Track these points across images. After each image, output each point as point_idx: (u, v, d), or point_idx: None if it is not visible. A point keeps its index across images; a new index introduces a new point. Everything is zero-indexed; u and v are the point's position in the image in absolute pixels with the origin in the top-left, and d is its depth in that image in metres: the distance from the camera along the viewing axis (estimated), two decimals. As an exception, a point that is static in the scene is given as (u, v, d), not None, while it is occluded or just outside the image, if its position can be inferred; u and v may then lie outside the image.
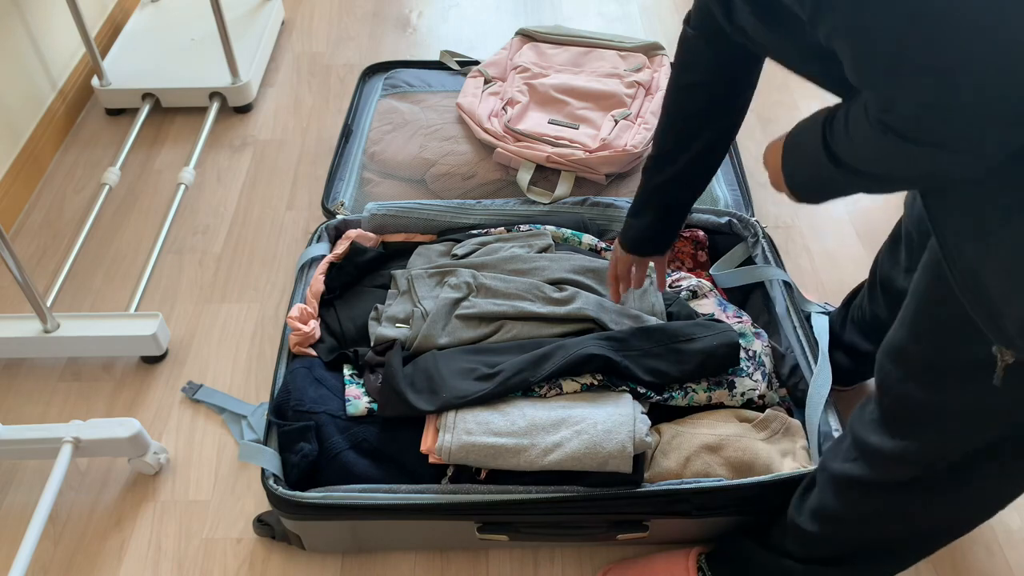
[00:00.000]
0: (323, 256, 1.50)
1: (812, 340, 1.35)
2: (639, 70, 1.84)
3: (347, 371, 1.32)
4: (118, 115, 2.08)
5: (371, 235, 1.54)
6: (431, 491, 1.16)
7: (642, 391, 1.24)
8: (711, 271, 1.52)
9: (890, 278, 1.21)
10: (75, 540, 1.31)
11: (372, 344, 1.35)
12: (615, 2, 2.48)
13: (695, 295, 1.43)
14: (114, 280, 1.70)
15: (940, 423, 0.86)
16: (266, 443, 1.24)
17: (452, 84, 1.89)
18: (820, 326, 1.37)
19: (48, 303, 1.48)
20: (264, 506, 1.32)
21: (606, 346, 1.26)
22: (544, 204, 1.59)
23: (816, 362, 1.30)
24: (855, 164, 0.76)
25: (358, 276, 1.49)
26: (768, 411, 1.25)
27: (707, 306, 1.40)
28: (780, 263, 1.49)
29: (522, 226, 1.53)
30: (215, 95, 2.04)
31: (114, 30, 2.23)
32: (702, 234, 1.57)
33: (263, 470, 1.18)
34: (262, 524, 1.28)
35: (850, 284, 1.42)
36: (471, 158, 1.68)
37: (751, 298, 1.49)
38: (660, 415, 1.26)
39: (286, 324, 1.37)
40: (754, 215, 1.64)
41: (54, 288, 1.58)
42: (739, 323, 1.37)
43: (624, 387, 1.24)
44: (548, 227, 1.53)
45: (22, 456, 1.35)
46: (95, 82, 2.02)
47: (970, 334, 0.76)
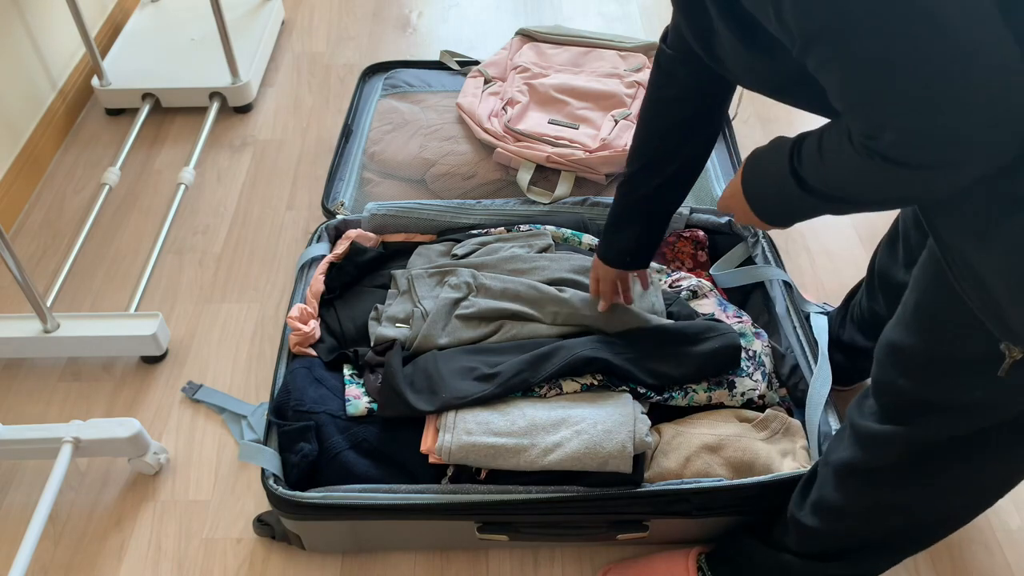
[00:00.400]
0: (323, 256, 1.50)
1: (812, 340, 1.35)
2: (639, 70, 1.84)
3: (347, 371, 1.32)
4: (118, 115, 2.08)
5: (371, 235, 1.54)
6: (431, 491, 1.16)
7: (642, 391, 1.24)
8: (711, 271, 1.52)
9: (888, 274, 1.22)
10: (75, 540, 1.31)
11: (372, 344, 1.35)
12: (615, 2, 2.48)
13: (695, 295, 1.43)
14: (114, 280, 1.70)
15: (938, 415, 0.86)
16: (266, 443, 1.24)
17: (452, 84, 1.89)
18: (819, 326, 1.37)
19: (48, 303, 1.48)
20: (264, 506, 1.32)
21: (606, 348, 1.26)
22: (544, 204, 1.59)
23: (816, 362, 1.30)
24: (825, 188, 0.79)
25: (358, 276, 1.49)
26: (768, 411, 1.25)
27: (707, 306, 1.40)
28: (780, 263, 1.49)
29: (522, 226, 1.53)
30: (215, 95, 2.04)
31: (114, 30, 2.23)
32: (702, 234, 1.57)
33: (263, 470, 1.18)
34: (262, 524, 1.28)
35: (850, 284, 1.42)
36: (471, 158, 1.68)
37: (751, 298, 1.50)
38: (660, 415, 1.26)
39: (286, 324, 1.37)
40: (754, 215, 1.64)
41: (54, 288, 1.58)
42: (739, 323, 1.37)
43: (624, 387, 1.24)
44: (548, 227, 1.53)
45: (22, 456, 1.35)
46: (95, 82, 2.02)
47: (969, 329, 0.77)
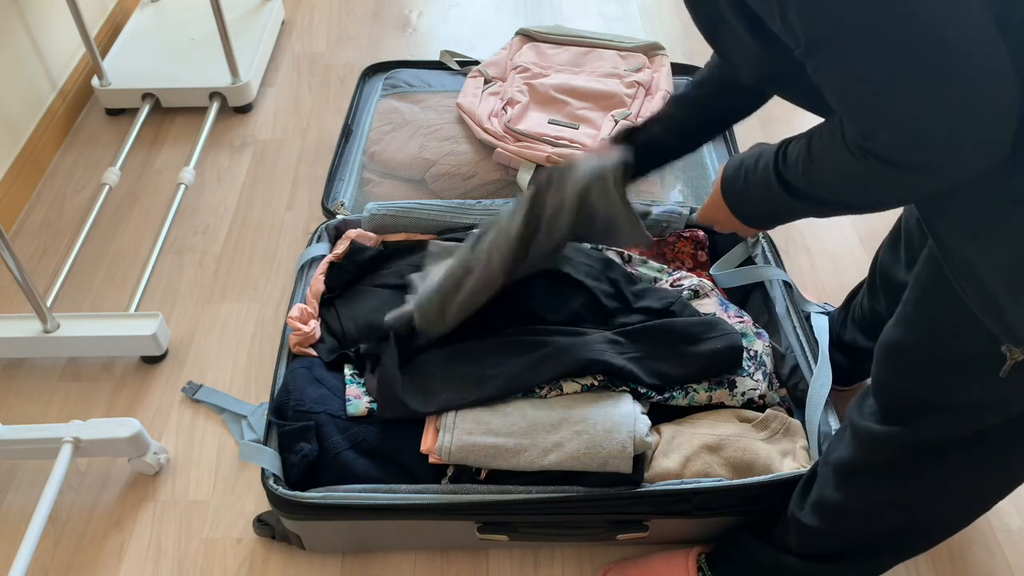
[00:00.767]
0: (323, 256, 1.49)
1: (812, 340, 1.35)
2: (639, 70, 1.84)
3: (347, 371, 1.32)
4: (118, 115, 2.08)
5: (371, 235, 1.54)
6: (431, 491, 1.16)
7: (643, 391, 1.24)
8: (711, 271, 1.52)
9: (890, 274, 1.22)
10: (75, 540, 1.31)
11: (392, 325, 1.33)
12: (615, 2, 2.48)
13: (697, 294, 1.42)
14: (114, 280, 1.69)
15: (938, 415, 0.86)
16: (266, 443, 1.24)
17: (452, 84, 1.89)
18: (820, 326, 1.37)
19: (48, 303, 1.48)
20: (264, 506, 1.32)
21: (609, 349, 1.26)
22: (544, 204, 1.59)
23: (816, 362, 1.30)
24: (810, 189, 0.81)
25: (358, 276, 1.49)
26: (768, 411, 1.25)
27: (708, 306, 1.40)
28: (780, 263, 1.49)
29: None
30: (215, 95, 2.03)
31: (114, 30, 2.23)
32: (702, 234, 1.57)
33: (263, 470, 1.18)
34: (262, 524, 1.28)
35: (850, 284, 1.42)
36: (471, 158, 1.68)
37: (751, 298, 1.49)
38: (660, 415, 1.26)
39: (286, 324, 1.36)
40: (754, 215, 1.64)
41: (54, 288, 1.58)
42: (740, 323, 1.37)
43: (624, 387, 1.24)
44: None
45: (22, 456, 1.35)
46: (95, 82, 2.02)
47: (969, 328, 0.77)
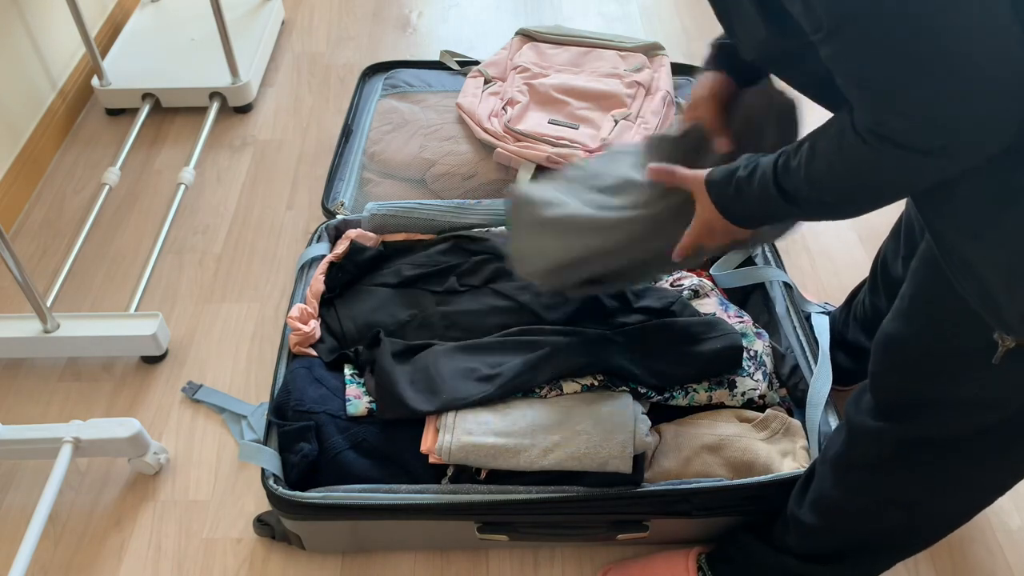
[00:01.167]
0: (323, 256, 1.49)
1: (812, 340, 1.35)
2: (639, 70, 1.84)
3: (347, 371, 1.32)
4: (118, 115, 2.08)
5: (371, 235, 1.54)
6: (431, 491, 1.16)
7: (643, 391, 1.24)
8: (711, 271, 1.52)
9: (891, 270, 1.22)
10: (75, 540, 1.31)
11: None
12: (615, 2, 2.48)
13: (697, 294, 1.42)
14: (114, 280, 1.69)
15: (935, 410, 0.86)
16: (266, 443, 1.24)
17: (452, 84, 1.89)
18: (820, 326, 1.37)
19: (48, 303, 1.48)
20: (264, 506, 1.32)
21: (608, 349, 1.26)
22: (544, 204, 1.59)
23: (816, 362, 1.30)
24: (811, 194, 0.82)
25: (358, 275, 1.49)
26: (768, 411, 1.25)
27: (709, 305, 1.40)
28: (780, 263, 1.49)
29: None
30: (215, 95, 2.03)
31: (114, 30, 2.22)
32: (702, 234, 1.57)
33: (263, 470, 1.18)
34: (262, 524, 1.28)
35: (850, 285, 1.42)
36: (471, 158, 1.68)
37: (751, 299, 1.49)
38: (660, 415, 1.26)
39: (286, 324, 1.36)
40: (754, 215, 1.64)
41: (54, 288, 1.58)
42: (740, 323, 1.37)
43: (624, 387, 1.24)
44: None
45: (22, 456, 1.35)
46: (95, 82, 2.02)
47: (968, 323, 0.77)
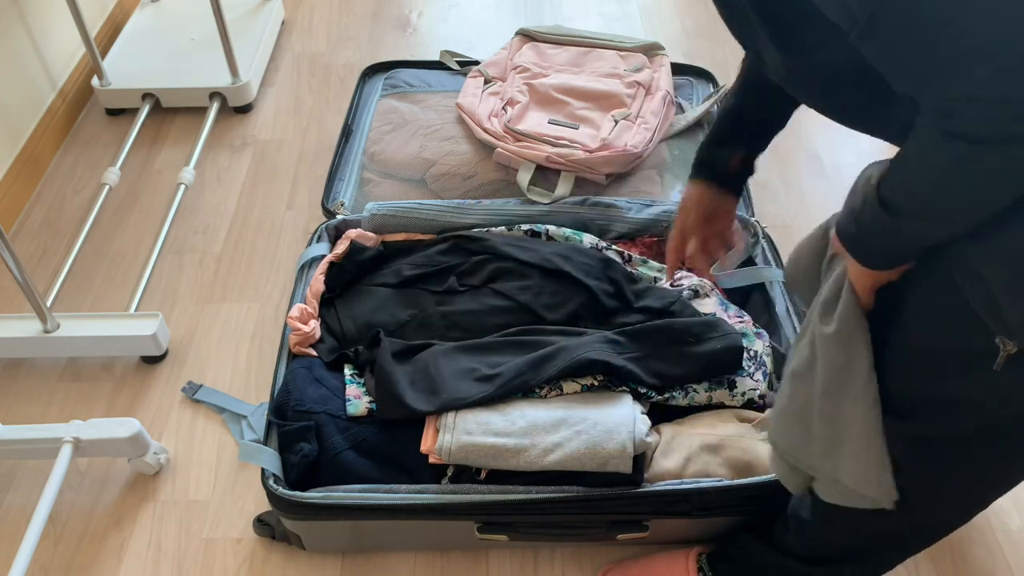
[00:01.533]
0: (323, 256, 1.49)
1: (812, 340, 1.34)
2: (639, 70, 1.84)
3: (347, 371, 1.32)
4: (118, 115, 2.08)
5: (371, 235, 1.54)
6: (431, 491, 1.16)
7: (643, 391, 1.24)
8: (711, 271, 1.52)
9: None
10: (75, 540, 1.31)
11: None
12: (615, 2, 2.48)
13: (697, 294, 1.42)
14: (114, 280, 1.69)
15: (935, 410, 0.86)
16: (266, 443, 1.24)
17: (452, 84, 1.89)
18: (820, 326, 1.37)
19: (48, 303, 1.48)
20: (264, 506, 1.32)
21: (609, 349, 1.26)
22: (544, 204, 1.59)
23: (816, 362, 1.30)
24: (915, 207, 0.73)
25: (358, 275, 1.49)
26: (768, 411, 1.25)
27: (709, 305, 1.40)
28: (780, 264, 1.49)
29: (522, 226, 1.53)
30: (215, 95, 2.03)
31: (114, 30, 2.22)
32: (702, 234, 1.57)
33: (263, 470, 1.18)
34: (262, 524, 1.28)
35: (850, 284, 1.42)
36: (471, 158, 1.68)
37: (751, 299, 1.49)
38: (660, 415, 1.26)
39: (286, 324, 1.36)
40: (754, 215, 1.64)
41: (54, 288, 1.58)
42: (740, 323, 1.37)
43: (624, 387, 1.24)
44: (549, 227, 1.53)
45: (22, 456, 1.35)
46: (95, 82, 2.02)
47: (968, 325, 0.76)
